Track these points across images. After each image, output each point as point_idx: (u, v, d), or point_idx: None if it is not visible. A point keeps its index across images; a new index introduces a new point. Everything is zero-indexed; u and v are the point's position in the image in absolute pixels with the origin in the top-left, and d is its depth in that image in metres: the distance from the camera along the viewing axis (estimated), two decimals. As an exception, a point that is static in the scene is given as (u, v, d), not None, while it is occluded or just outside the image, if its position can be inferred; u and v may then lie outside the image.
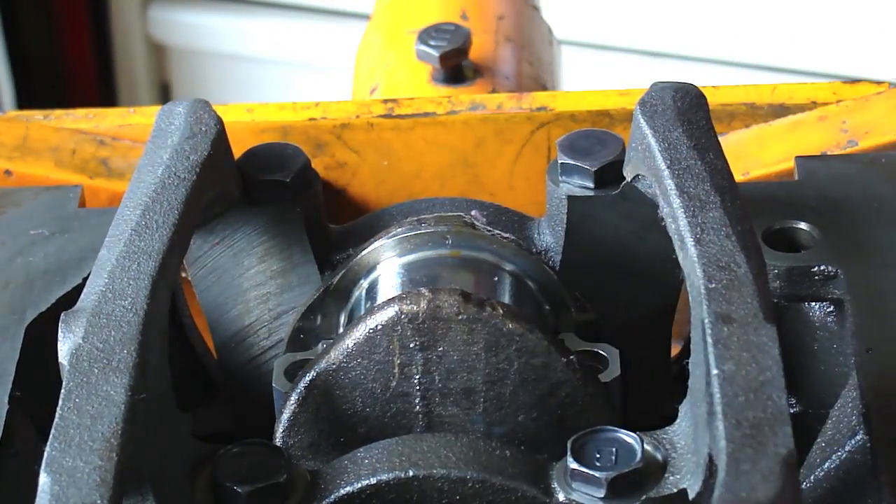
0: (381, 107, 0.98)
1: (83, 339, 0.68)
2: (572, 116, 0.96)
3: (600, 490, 0.68)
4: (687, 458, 0.70)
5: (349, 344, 0.74)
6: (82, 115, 1.02)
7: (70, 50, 2.64)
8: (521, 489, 0.69)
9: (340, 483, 0.70)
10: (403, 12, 1.25)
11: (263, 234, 0.84)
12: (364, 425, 0.75)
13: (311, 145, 0.97)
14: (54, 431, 0.63)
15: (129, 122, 1.01)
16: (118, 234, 0.73)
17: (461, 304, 0.73)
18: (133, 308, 0.69)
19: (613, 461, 0.69)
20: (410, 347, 0.73)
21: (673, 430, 0.72)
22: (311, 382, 0.74)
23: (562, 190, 0.82)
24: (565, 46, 1.36)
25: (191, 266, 0.85)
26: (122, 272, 0.71)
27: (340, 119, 0.97)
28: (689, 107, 0.78)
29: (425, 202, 0.88)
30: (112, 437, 0.63)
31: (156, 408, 0.69)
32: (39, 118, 1.02)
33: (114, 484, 0.61)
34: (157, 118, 0.81)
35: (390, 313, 0.73)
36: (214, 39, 2.61)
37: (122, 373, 0.66)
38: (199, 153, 0.78)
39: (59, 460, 0.62)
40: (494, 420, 0.75)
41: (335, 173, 0.98)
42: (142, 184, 0.76)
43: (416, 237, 0.82)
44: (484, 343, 0.73)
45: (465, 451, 0.70)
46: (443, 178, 0.98)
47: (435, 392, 0.74)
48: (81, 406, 0.64)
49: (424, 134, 0.97)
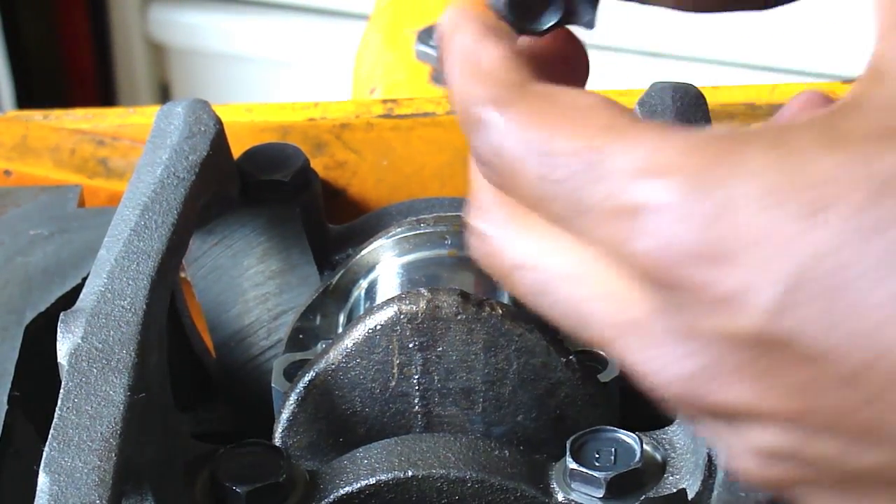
0: (381, 107, 0.98)
1: (82, 339, 0.67)
2: (572, 116, 0.96)
3: (599, 490, 0.68)
4: (686, 457, 0.70)
5: (348, 344, 0.74)
6: (82, 115, 1.02)
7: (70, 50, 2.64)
8: (520, 489, 0.69)
9: (339, 483, 0.70)
10: (403, 12, 1.25)
11: (262, 234, 0.84)
12: (363, 425, 0.75)
13: (310, 145, 0.97)
14: (53, 431, 0.63)
15: (128, 122, 1.01)
16: (117, 234, 0.73)
17: (460, 304, 0.73)
18: (132, 308, 0.69)
19: (613, 461, 0.69)
20: (409, 347, 0.73)
21: (672, 430, 0.72)
22: (311, 382, 0.74)
23: (561, 190, 0.82)
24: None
25: (190, 266, 0.85)
26: (122, 272, 0.71)
27: (340, 119, 0.97)
28: (689, 106, 0.78)
29: (425, 202, 0.88)
30: (111, 437, 0.63)
31: (155, 408, 0.69)
32: (39, 118, 1.02)
33: (113, 484, 0.61)
34: (156, 118, 0.81)
35: (389, 313, 0.73)
36: (214, 39, 2.61)
37: (122, 373, 0.66)
38: (199, 153, 0.78)
39: (58, 460, 0.62)
40: (493, 420, 0.75)
41: (335, 173, 0.98)
42: (141, 184, 0.76)
43: (415, 237, 0.82)
44: (483, 343, 0.73)
45: (465, 451, 0.70)
46: (442, 177, 0.98)
47: (434, 392, 0.74)
48: (80, 406, 0.64)
49: (424, 134, 0.97)
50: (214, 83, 2.65)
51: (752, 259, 0.42)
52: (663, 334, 0.45)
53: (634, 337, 0.46)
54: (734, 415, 0.44)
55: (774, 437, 0.44)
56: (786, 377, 0.42)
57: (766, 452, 0.44)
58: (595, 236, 0.46)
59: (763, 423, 0.44)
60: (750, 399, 0.43)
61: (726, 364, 0.43)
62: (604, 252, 0.46)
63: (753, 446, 0.44)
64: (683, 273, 0.43)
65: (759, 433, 0.44)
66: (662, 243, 0.43)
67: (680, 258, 0.43)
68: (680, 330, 0.44)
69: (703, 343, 0.43)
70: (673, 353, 0.45)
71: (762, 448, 0.44)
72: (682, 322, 0.44)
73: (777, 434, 0.43)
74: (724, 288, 0.42)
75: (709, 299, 0.43)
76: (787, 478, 0.45)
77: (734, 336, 0.43)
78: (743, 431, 0.44)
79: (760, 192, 0.42)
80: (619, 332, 0.47)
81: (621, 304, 0.46)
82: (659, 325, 0.45)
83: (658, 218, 0.43)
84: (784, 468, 0.44)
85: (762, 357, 0.42)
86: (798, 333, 0.41)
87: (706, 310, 0.43)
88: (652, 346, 0.45)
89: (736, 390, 0.43)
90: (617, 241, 0.44)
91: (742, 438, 0.45)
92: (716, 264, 0.42)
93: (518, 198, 0.49)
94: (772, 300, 0.41)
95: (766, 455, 0.44)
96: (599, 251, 0.46)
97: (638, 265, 0.44)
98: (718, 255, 0.42)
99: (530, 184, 0.47)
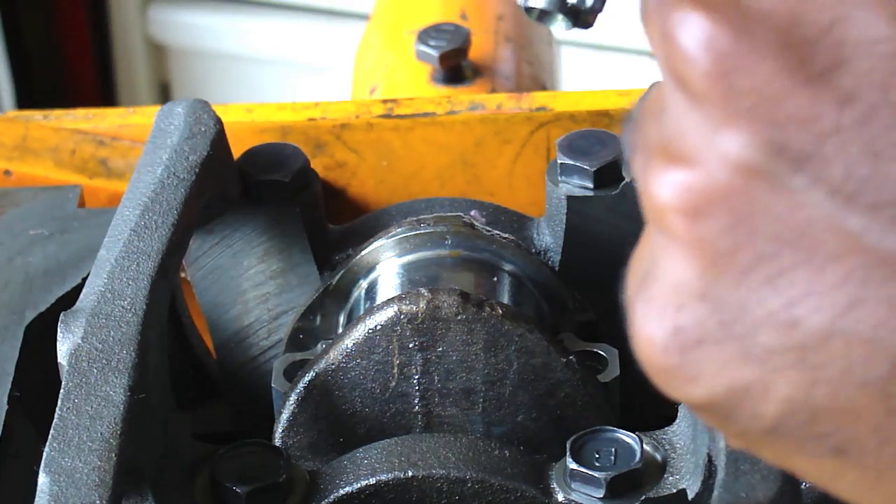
0: (381, 107, 0.98)
1: (82, 339, 0.68)
2: (572, 117, 0.96)
3: (599, 490, 0.68)
4: (686, 458, 0.70)
5: (348, 344, 0.74)
6: (82, 115, 1.02)
7: (70, 50, 2.64)
8: (520, 489, 0.69)
9: (339, 483, 0.70)
10: (403, 12, 1.25)
11: (263, 234, 0.84)
12: (363, 425, 0.75)
13: (310, 145, 0.97)
14: (53, 432, 0.63)
15: (128, 122, 1.01)
16: (117, 235, 0.73)
17: (460, 305, 0.73)
18: (132, 308, 0.69)
19: (613, 461, 0.69)
20: (410, 348, 0.73)
21: (672, 431, 0.72)
22: (311, 382, 0.74)
23: (561, 190, 0.82)
24: (565, 46, 1.36)
25: (190, 266, 0.85)
26: (122, 272, 0.71)
27: (340, 119, 0.97)
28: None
29: (425, 202, 0.88)
30: (111, 438, 0.63)
31: (155, 408, 0.69)
32: (39, 118, 1.02)
33: (113, 484, 0.61)
34: (156, 118, 0.81)
35: (389, 313, 0.73)
36: (214, 39, 2.61)
37: (122, 373, 0.66)
38: (199, 153, 0.78)
39: (58, 460, 0.62)
40: (494, 420, 0.75)
41: (335, 173, 0.98)
42: (141, 184, 0.76)
43: (415, 237, 0.82)
44: (483, 343, 0.73)
45: (465, 452, 0.70)
46: (442, 178, 0.98)
47: (434, 392, 0.74)
48: (80, 406, 0.64)
49: (424, 134, 0.97)
50: (214, 83, 2.65)
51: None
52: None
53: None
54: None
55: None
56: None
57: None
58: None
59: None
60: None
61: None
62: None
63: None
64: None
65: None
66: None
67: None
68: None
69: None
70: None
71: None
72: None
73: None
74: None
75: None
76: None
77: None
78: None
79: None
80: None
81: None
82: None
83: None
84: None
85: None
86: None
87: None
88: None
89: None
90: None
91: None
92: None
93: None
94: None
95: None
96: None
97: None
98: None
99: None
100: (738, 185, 0.43)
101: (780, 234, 0.42)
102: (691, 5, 0.44)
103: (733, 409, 0.44)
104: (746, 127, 0.42)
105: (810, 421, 0.43)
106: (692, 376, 0.44)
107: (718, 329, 0.44)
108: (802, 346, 0.42)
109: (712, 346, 0.44)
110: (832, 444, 0.43)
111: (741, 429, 0.45)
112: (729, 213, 0.43)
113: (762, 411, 0.44)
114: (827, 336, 0.42)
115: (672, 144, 0.44)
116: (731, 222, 0.43)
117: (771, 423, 0.44)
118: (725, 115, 0.43)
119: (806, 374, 0.43)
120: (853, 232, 0.41)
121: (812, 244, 0.42)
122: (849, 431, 0.43)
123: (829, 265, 0.42)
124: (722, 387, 0.44)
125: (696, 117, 0.44)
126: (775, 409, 0.43)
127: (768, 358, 0.43)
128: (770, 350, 0.43)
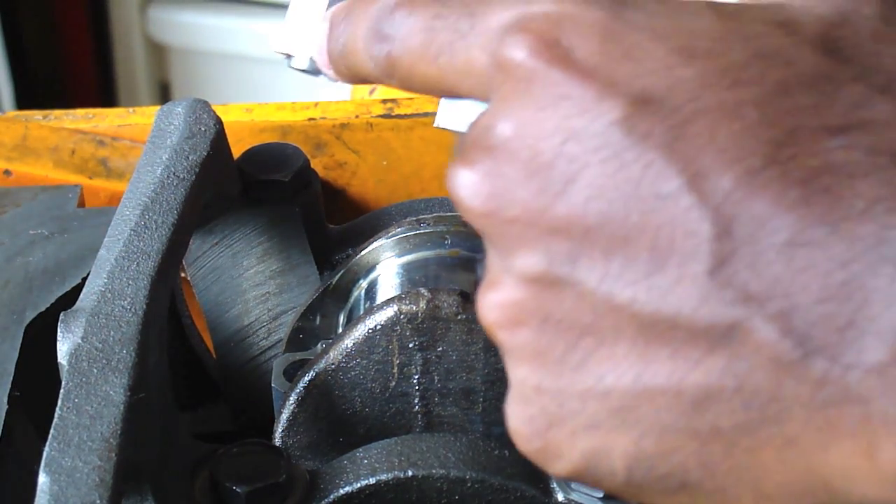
0: (381, 107, 0.98)
1: (82, 338, 0.68)
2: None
3: (599, 490, 0.68)
4: (686, 457, 0.70)
5: (348, 344, 0.74)
6: (82, 115, 1.02)
7: (70, 50, 2.64)
8: (520, 489, 0.69)
9: (339, 483, 0.70)
10: (403, 12, 1.25)
11: (263, 234, 0.84)
12: (363, 425, 0.75)
13: (310, 145, 0.97)
14: (53, 431, 0.63)
15: (128, 122, 1.01)
16: (117, 234, 0.73)
17: (460, 304, 0.73)
18: (132, 308, 0.69)
19: (612, 461, 0.69)
20: (409, 347, 0.73)
21: (672, 430, 0.72)
22: (311, 382, 0.74)
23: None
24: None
25: (190, 266, 0.85)
26: (122, 272, 0.71)
27: (340, 119, 0.97)
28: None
29: (424, 202, 0.88)
30: (111, 437, 0.63)
31: (155, 408, 0.69)
32: (39, 118, 1.02)
33: (113, 484, 0.61)
34: (156, 118, 0.81)
35: (389, 313, 0.73)
36: (214, 39, 2.61)
37: (122, 373, 0.66)
38: (199, 153, 0.78)
39: (58, 460, 0.62)
40: (493, 420, 0.75)
41: (334, 173, 0.98)
42: (141, 184, 0.76)
43: (415, 237, 0.82)
44: (483, 343, 0.73)
45: (465, 451, 0.70)
46: (442, 177, 0.98)
47: (434, 392, 0.74)
48: (80, 406, 0.64)
49: (424, 134, 0.97)
50: (214, 83, 2.65)
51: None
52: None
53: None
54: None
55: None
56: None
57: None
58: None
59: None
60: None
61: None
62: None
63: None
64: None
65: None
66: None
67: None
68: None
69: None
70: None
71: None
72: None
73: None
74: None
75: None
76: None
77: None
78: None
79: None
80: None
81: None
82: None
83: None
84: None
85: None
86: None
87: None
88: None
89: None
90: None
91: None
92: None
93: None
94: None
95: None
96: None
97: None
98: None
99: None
100: (533, 294, 0.50)
101: (575, 324, 0.50)
102: (458, 162, 0.53)
103: (593, 472, 0.51)
104: (524, 247, 0.50)
105: (651, 468, 0.50)
106: (556, 454, 0.52)
107: (559, 411, 0.51)
108: (620, 408, 0.49)
109: (560, 426, 0.51)
110: (677, 482, 0.50)
111: (609, 486, 0.52)
112: (535, 319, 0.51)
113: (614, 468, 0.51)
114: (635, 395, 0.49)
115: (487, 273, 0.53)
116: (538, 326, 0.51)
117: (624, 476, 0.51)
118: (506, 242, 0.51)
119: (631, 430, 0.50)
120: (622, 305, 0.48)
121: (599, 325, 0.49)
122: (682, 468, 0.49)
123: (616, 338, 0.49)
124: (578, 457, 0.51)
125: (492, 250, 0.52)
126: (622, 464, 0.50)
127: (601, 425, 0.50)
128: (599, 419, 0.50)
